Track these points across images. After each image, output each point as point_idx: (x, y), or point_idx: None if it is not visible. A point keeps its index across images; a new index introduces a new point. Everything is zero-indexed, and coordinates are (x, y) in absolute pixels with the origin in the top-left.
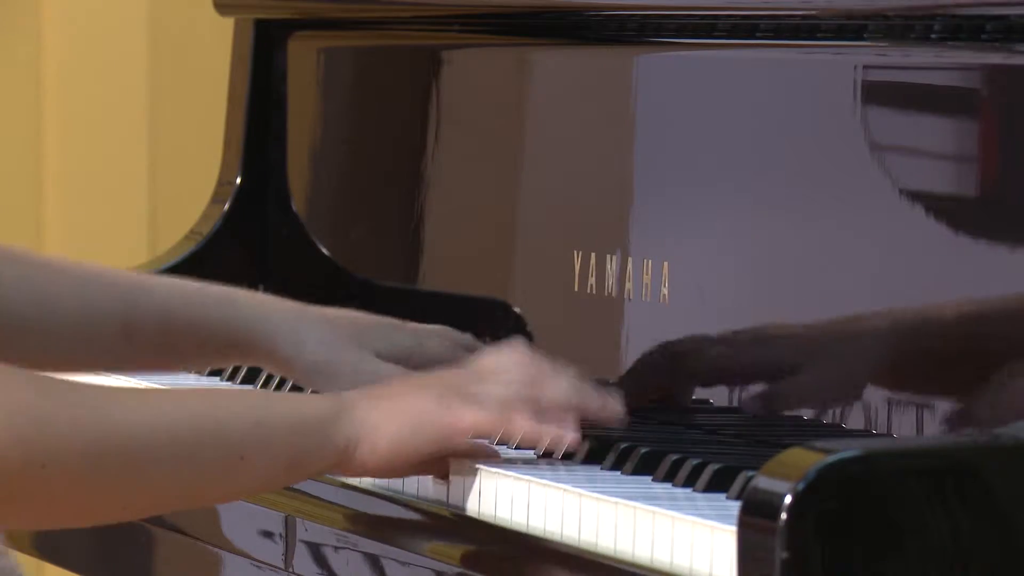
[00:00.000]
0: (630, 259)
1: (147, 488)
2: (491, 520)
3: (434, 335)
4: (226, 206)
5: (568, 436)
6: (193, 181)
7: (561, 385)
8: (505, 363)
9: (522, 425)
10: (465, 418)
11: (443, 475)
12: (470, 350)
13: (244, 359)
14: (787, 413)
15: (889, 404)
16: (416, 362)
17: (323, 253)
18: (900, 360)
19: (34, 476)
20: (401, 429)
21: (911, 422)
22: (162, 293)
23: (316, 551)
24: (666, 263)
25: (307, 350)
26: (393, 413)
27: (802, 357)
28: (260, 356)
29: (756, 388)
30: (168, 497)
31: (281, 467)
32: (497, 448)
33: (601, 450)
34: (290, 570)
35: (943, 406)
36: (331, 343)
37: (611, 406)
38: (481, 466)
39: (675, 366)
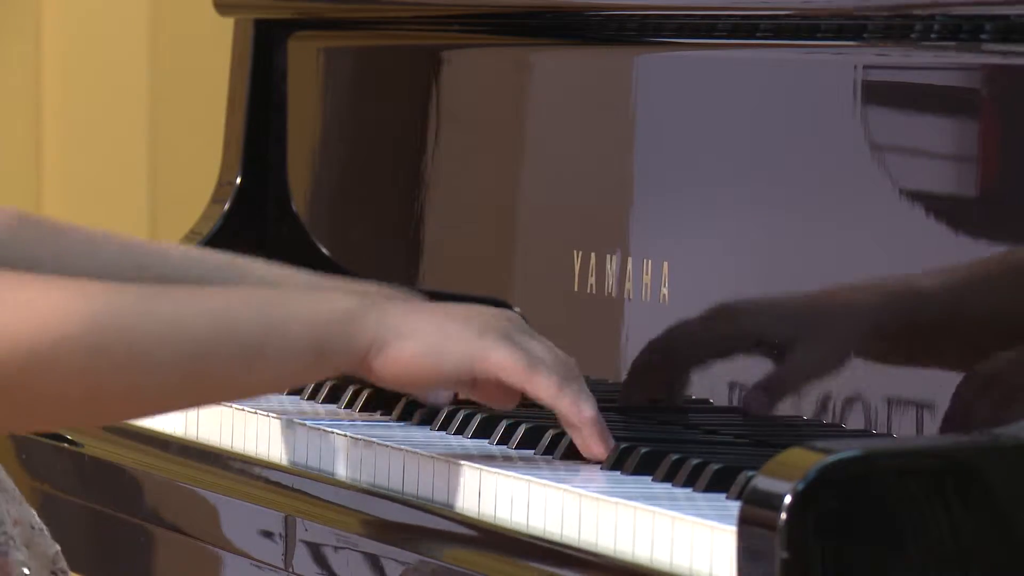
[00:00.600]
0: (630, 259)
1: (157, 385)
2: (491, 520)
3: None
4: (226, 206)
5: (586, 411)
6: (193, 181)
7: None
8: (552, 345)
9: (545, 383)
10: (495, 354)
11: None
12: None
13: None
14: (787, 413)
15: (889, 404)
16: None
17: (323, 253)
18: (900, 360)
19: (37, 374)
20: (429, 344)
21: (911, 422)
22: (176, 260)
23: (316, 551)
24: (666, 263)
25: None
26: (426, 327)
27: (802, 357)
28: None
29: (756, 388)
30: (181, 394)
31: (302, 363)
32: (497, 448)
33: None
34: (290, 570)
35: (943, 406)
36: None
37: (609, 439)
38: (481, 466)
39: (675, 366)
